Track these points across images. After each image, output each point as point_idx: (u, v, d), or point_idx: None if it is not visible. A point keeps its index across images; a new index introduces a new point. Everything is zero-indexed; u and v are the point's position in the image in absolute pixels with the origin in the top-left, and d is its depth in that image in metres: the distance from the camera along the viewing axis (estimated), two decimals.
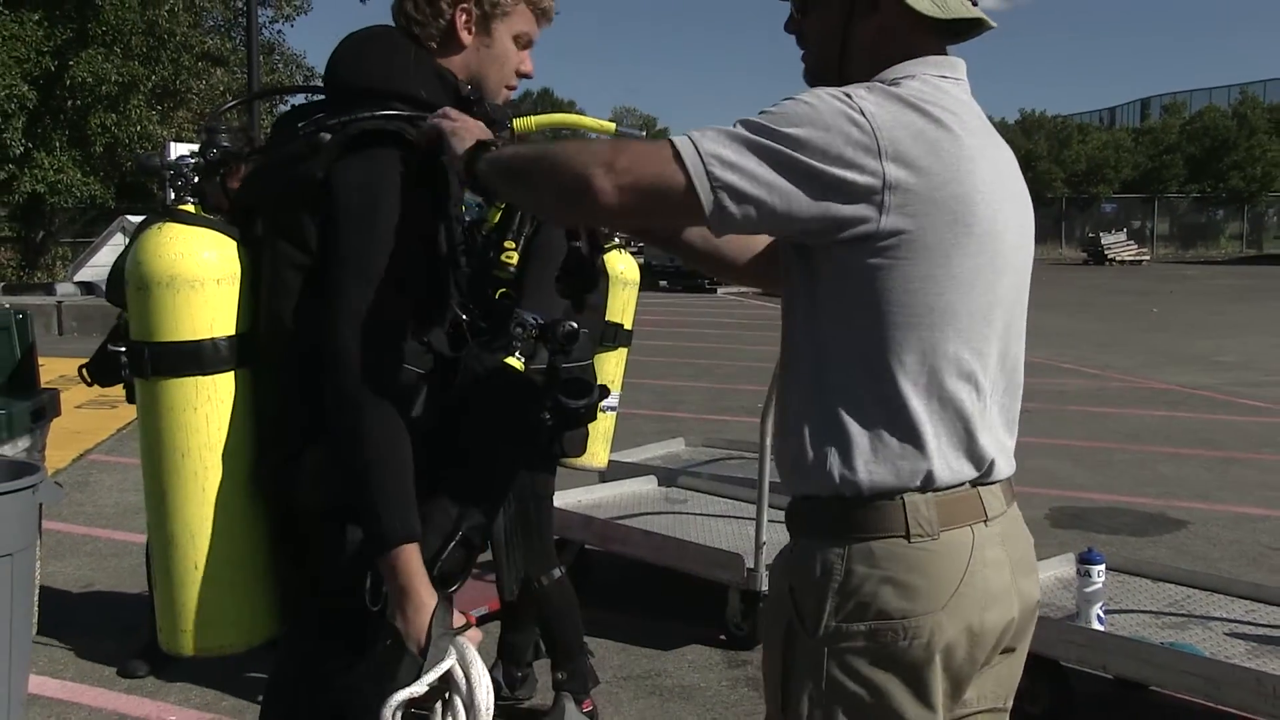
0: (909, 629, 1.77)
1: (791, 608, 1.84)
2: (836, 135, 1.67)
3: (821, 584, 1.80)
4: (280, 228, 2.05)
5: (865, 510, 1.79)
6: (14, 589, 3.85)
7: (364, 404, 1.91)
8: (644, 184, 1.69)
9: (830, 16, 1.89)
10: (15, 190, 21.75)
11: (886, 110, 1.72)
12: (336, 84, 2.16)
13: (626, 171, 1.68)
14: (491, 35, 2.21)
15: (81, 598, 5.51)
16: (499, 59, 2.23)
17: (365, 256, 1.96)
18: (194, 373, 2.02)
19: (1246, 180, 44.74)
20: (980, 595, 1.81)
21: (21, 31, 21.14)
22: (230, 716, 4.17)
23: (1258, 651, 3.87)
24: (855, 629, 1.78)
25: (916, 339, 1.75)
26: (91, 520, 6.75)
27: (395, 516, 1.90)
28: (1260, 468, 8.34)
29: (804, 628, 1.82)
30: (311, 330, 1.97)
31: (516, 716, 4.16)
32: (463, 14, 2.17)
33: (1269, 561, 6.10)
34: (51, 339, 14.47)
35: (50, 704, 4.31)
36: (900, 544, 1.78)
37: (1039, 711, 4.09)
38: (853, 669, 1.79)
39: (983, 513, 1.85)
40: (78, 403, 9.19)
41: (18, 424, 4.43)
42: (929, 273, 1.73)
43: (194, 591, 2.05)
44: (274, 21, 27.38)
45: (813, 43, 1.95)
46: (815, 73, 1.94)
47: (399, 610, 1.91)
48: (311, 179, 2.01)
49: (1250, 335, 16.68)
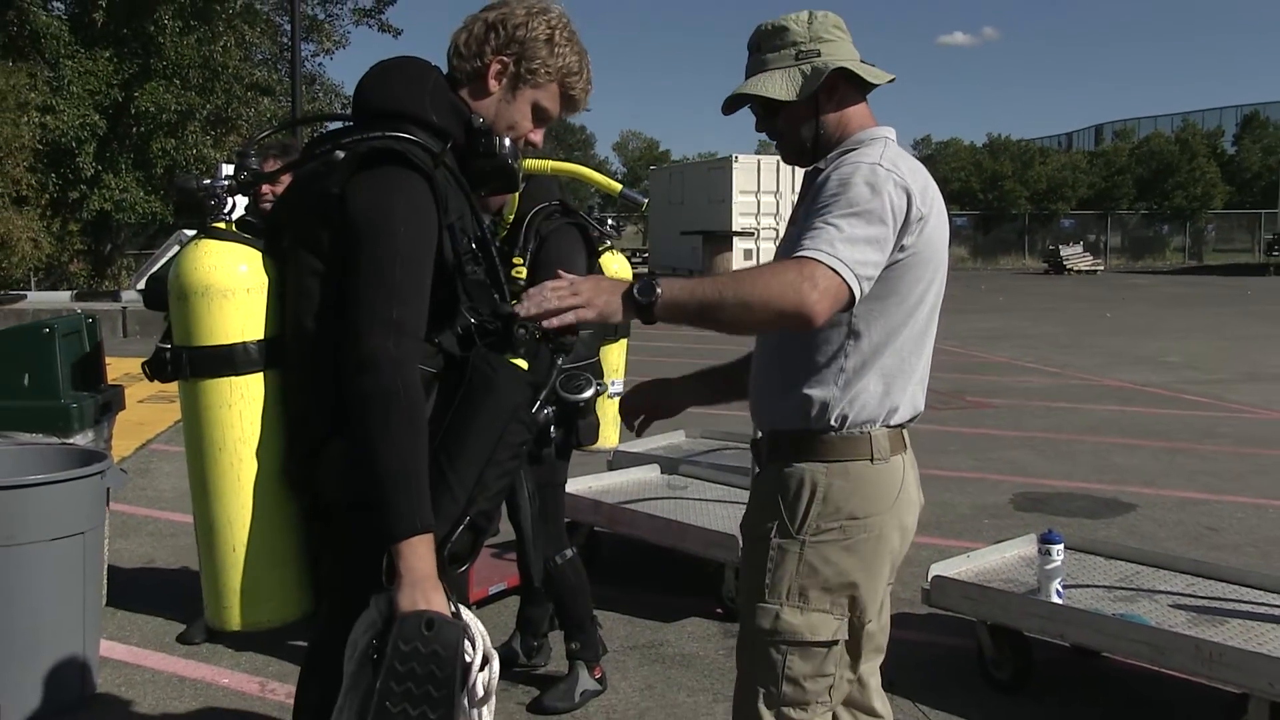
0: (868, 526, 2.25)
1: (780, 513, 2.24)
2: (897, 196, 2.14)
3: (809, 494, 2.23)
4: (302, 239, 2.05)
5: (843, 440, 2.24)
6: (86, 563, 3.87)
7: (380, 403, 1.88)
8: (836, 295, 2.04)
9: (801, 110, 2.29)
10: (86, 208, 21.78)
11: (907, 164, 2.21)
12: (361, 107, 2.15)
13: (828, 291, 2.02)
14: (515, 95, 2.19)
15: (144, 572, 5.52)
16: (510, 120, 2.20)
17: (379, 267, 1.94)
18: (227, 374, 2.02)
19: (1188, 199, 44.71)
20: (906, 503, 2.34)
21: (94, 67, 21.25)
22: (277, 680, 4.18)
23: (1197, 621, 3.87)
24: (830, 526, 2.23)
25: (896, 320, 2.23)
26: (152, 503, 6.77)
27: (409, 509, 1.87)
28: (1202, 457, 8.32)
29: (790, 528, 2.23)
30: (329, 333, 1.97)
31: (533, 682, 4.16)
32: (498, 65, 2.16)
33: (1208, 540, 6.09)
34: (117, 340, 14.49)
35: (118, 666, 4.31)
36: (866, 465, 2.25)
37: (1005, 676, 4.10)
38: (825, 556, 2.23)
39: (905, 445, 2.36)
40: (140, 397, 9.21)
41: (88, 416, 4.45)
42: (919, 275, 2.23)
43: (232, 573, 2.05)
44: (315, 55, 27.57)
45: (788, 133, 2.33)
46: (796, 152, 2.35)
47: (403, 596, 1.87)
48: (328, 194, 2.01)
49: (1192, 338, 16.64)
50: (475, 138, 2.13)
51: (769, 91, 2.27)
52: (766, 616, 2.26)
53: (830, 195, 2.14)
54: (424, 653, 1.84)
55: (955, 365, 13.22)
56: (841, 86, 2.29)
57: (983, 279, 33.60)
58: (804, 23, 2.30)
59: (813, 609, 2.24)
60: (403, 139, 2.02)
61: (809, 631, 2.24)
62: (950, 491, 7.15)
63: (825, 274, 2.02)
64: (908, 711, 3.94)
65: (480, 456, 1.99)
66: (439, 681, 1.84)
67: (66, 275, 22.90)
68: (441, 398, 2.01)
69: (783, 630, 2.25)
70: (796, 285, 2.00)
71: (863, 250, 2.07)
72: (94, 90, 21.17)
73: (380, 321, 1.91)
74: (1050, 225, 45.78)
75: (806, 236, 2.08)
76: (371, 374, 1.89)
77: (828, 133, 2.31)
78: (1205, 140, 48.14)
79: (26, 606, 3.71)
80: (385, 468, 1.87)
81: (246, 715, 3.94)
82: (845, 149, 2.28)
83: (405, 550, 1.87)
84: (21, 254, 20.07)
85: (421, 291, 1.98)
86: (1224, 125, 53.74)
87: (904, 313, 2.24)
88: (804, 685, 2.25)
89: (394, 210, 1.97)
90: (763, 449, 2.39)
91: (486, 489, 2.00)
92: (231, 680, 4.21)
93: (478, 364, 2.02)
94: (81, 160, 21.17)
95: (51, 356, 4.38)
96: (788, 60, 2.28)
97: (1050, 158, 49.33)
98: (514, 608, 4.49)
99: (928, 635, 4.66)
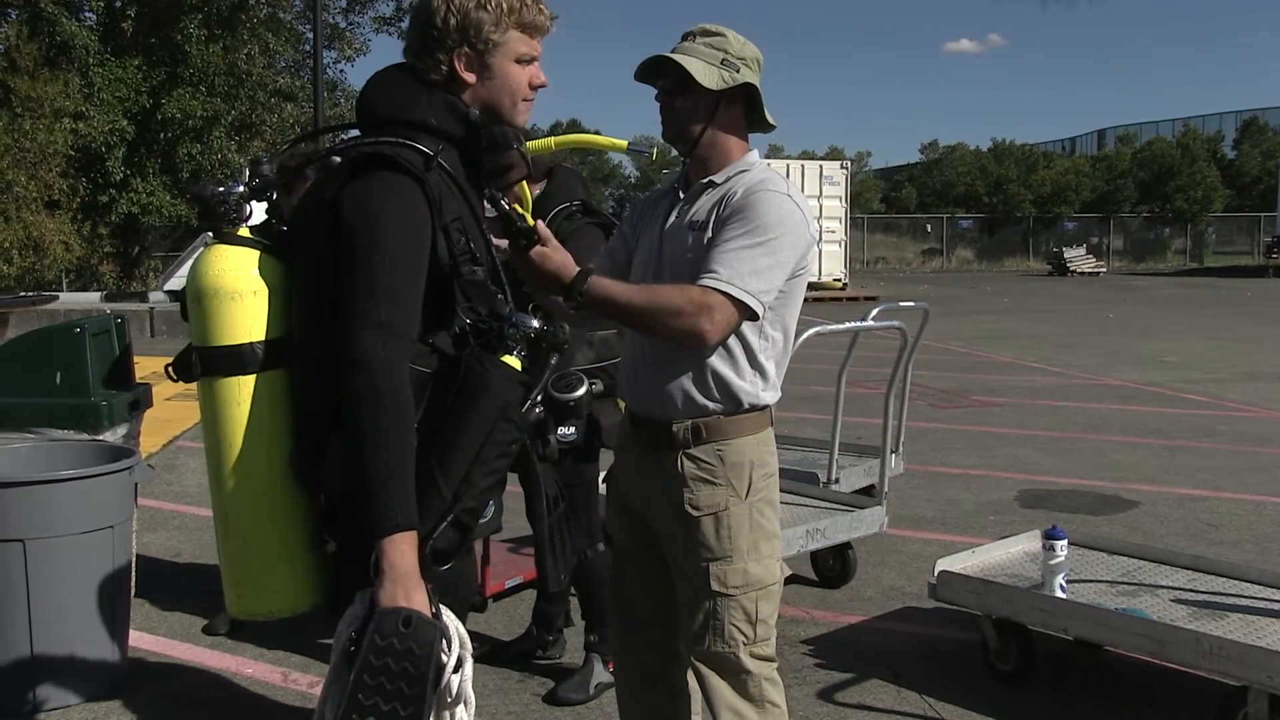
0: (776, 480, 2.60)
1: (727, 484, 2.51)
2: (804, 229, 2.47)
3: (749, 463, 2.53)
4: (305, 243, 2.06)
5: (762, 415, 2.56)
6: (115, 556, 3.89)
7: (368, 403, 1.87)
8: (729, 324, 2.39)
9: (703, 101, 2.50)
10: (115, 211, 21.89)
11: (800, 194, 2.54)
12: (363, 115, 2.15)
13: (722, 322, 2.36)
14: (491, 68, 2.15)
15: (171, 565, 5.54)
16: (505, 86, 2.17)
17: (369, 270, 1.94)
18: (236, 373, 2.03)
19: (1189, 202, 44.47)
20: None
21: (124, 75, 21.39)
22: (299, 670, 4.19)
23: (1198, 615, 3.85)
24: (761, 485, 2.55)
25: (787, 322, 2.56)
26: (178, 498, 6.79)
27: (392, 506, 1.86)
28: (1202, 454, 8.28)
29: (738, 495, 2.51)
30: (328, 333, 1.96)
31: (548, 673, 4.17)
32: (461, 59, 2.14)
33: (1208, 536, 6.07)
34: (145, 340, 14.54)
35: (147, 655, 4.33)
36: (770, 431, 2.61)
37: (1009, 669, 4.08)
38: (763, 511, 2.55)
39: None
40: (167, 395, 9.19)
41: (117, 414, 4.47)
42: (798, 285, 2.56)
43: (244, 564, 2.07)
44: (337, 62, 27.55)
45: (683, 115, 2.54)
46: (679, 136, 2.56)
47: (384, 592, 1.85)
48: (323, 199, 2.01)
49: (1193, 338, 16.56)
50: (478, 133, 2.11)
51: (692, 68, 2.47)
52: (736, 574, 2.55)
53: (744, 221, 2.42)
54: (399, 649, 1.82)
55: (961, 365, 13.19)
56: (740, 104, 2.56)
57: (987, 281, 33.54)
58: (739, 42, 2.54)
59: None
60: (394, 143, 2.01)
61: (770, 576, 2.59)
62: (956, 488, 7.14)
63: (724, 306, 2.36)
64: (914, 703, 3.94)
65: (468, 454, 1.97)
66: (412, 679, 1.82)
67: (96, 277, 22.98)
68: (435, 397, 2.01)
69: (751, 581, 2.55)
70: (700, 313, 2.34)
71: (767, 278, 2.40)
72: (123, 97, 21.32)
73: (370, 323, 1.91)
74: (1054, 228, 45.62)
75: (719, 263, 2.38)
76: (360, 374, 1.88)
77: (712, 138, 2.55)
78: (1206, 145, 47.93)
79: (59, 597, 3.74)
80: (371, 465, 1.87)
81: (270, 704, 3.96)
82: (740, 169, 2.55)
83: (388, 546, 1.85)
84: (54, 256, 20.19)
85: (412, 293, 1.97)
86: (1224, 130, 53.44)
87: (791, 317, 2.59)
88: (769, 622, 2.57)
89: (383, 214, 1.96)
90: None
91: (473, 486, 1.98)
92: (255, 670, 4.22)
93: (471, 363, 2.01)
94: (111, 165, 21.30)
95: (82, 356, 4.40)
96: (714, 59, 2.49)
97: (1054, 162, 49.21)
98: (530, 602, 4.50)
99: (934, 629, 4.65)
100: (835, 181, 26.44)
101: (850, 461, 5.80)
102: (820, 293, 23.97)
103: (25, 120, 19.64)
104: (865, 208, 44.56)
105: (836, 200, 26.34)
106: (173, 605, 4.87)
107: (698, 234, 2.51)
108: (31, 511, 3.67)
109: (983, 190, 46.31)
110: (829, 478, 5.51)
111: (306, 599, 2.11)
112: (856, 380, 7.61)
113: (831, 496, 5.22)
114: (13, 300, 14.42)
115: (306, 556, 2.09)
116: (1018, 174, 45.90)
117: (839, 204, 26.44)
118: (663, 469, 2.55)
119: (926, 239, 44.67)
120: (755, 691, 2.54)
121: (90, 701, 3.86)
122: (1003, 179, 45.76)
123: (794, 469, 5.46)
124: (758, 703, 2.54)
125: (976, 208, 45.90)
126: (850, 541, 5.02)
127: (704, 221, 2.51)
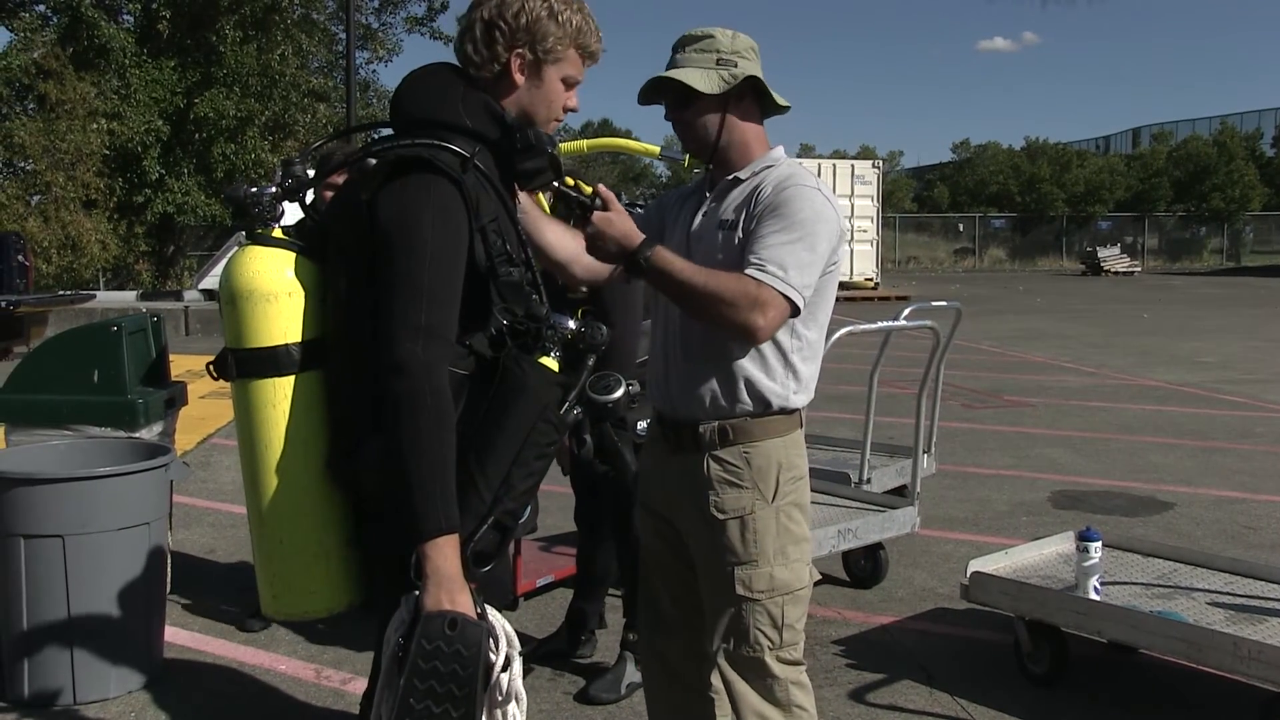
0: (806, 483, 2.58)
1: (753, 487, 2.48)
2: (837, 223, 2.46)
3: (776, 466, 2.50)
4: (340, 245, 2.06)
5: (791, 418, 2.54)
6: (151, 551, 3.93)
7: (408, 406, 1.87)
8: (780, 321, 2.37)
9: (712, 106, 2.50)
10: (151, 211, 22.09)
11: (828, 188, 2.53)
12: (397, 114, 2.16)
13: (775, 319, 2.35)
14: (542, 78, 2.18)
15: (205, 562, 5.58)
16: (547, 98, 2.20)
17: (408, 272, 1.93)
18: (271, 374, 2.03)
19: (1226, 201, 43.95)
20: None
21: (160, 75, 21.58)
22: (332, 667, 4.21)
23: (1235, 619, 3.81)
24: (789, 489, 2.52)
25: (820, 320, 2.54)
26: (213, 495, 6.84)
27: (434, 509, 1.86)
28: (1239, 456, 8.19)
29: (764, 499, 2.48)
30: (364, 335, 1.96)
31: (581, 672, 4.17)
32: (517, 59, 2.15)
33: (1246, 539, 6.00)
34: (180, 339, 14.70)
35: (181, 651, 4.37)
36: (800, 433, 2.58)
37: (1042, 671, 4.05)
38: (791, 515, 2.52)
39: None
40: (201, 394, 9.28)
41: (153, 411, 4.51)
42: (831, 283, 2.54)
43: (280, 564, 2.07)
44: (370, 63, 27.61)
45: (696, 125, 2.53)
46: (699, 146, 2.56)
47: (428, 596, 1.86)
48: (358, 201, 2.01)
49: (1229, 338, 16.39)
50: (513, 135, 2.11)
51: (689, 79, 2.46)
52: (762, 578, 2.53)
53: (781, 217, 2.41)
54: (447, 652, 1.83)
55: (993, 365, 13.10)
56: (749, 98, 2.54)
57: (1020, 280, 33.28)
58: (728, 37, 2.52)
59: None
60: (431, 145, 2.01)
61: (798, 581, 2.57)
62: (988, 489, 7.09)
63: (777, 302, 2.34)
64: (946, 705, 3.92)
65: (508, 456, 1.97)
66: (461, 680, 1.83)
67: (132, 276, 23.21)
68: (472, 399, 2.00)
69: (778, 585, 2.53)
70: (754, 307, 2.32)
71: (810, 273, 2.40)
72: (159, 98, 21.50)
73: (409, 326, 1.90)
74: (1087, 227, 45.21)
75: (765, 258, 2.37)
76: (401, 378, 1.88)
77: (729, 138, 2.54)
78: (1243, 143, 47.29)
79: (96, 592, 3.78)
80: (413, 469, 1.87)
81: (302, 701, 3.98)
82: (765, 164, 2.55)
83: (431, 550, 1.86)
84: (90, 255, 20.42)
85: (451, 295, 1.97)
86: (1262, 128, 52.66)
87: (826, 315, 2.58)
88: (796, 627, 2.55)
89: (422, 216, 1.95)
90: None
91: (513, 489, 1.98)
92: (289, 667, 4.25)
93: (509, 365, 2.01)
94: (147, 165, 21.49)
95: (119, 354, 4.44)
96: (709, 63, 2.49)
97: (1088, 161, 48.74)
98: (561, 600, 4.51)
99: (966, 630, 4.63)
100: (867, 181, 26.34)
101: (882, 461, 5.79)
102: (852, 292, 23.89)
103: (61, 122, 19.88)
104: (897, 207, 44.36)
105: (868, 199, 26.25)
106: (207, 601, 4.91)
107: (728, 234, 2.50)
108: (70, 508, 3.71)
109: (1015, 190, 45.95)
110: (861, 478, 5.51)
111: (342, 599, 2.12)
112: (889, 380, 7.57)
113: (863, 497, 5.21)
114: (52, 299, 14.62)
115: (341, 556, 2.09)
116: (1051, 173, 45.50)
117: (871, 203, 26.35)
118: (689, 471, 2.54)
119: (959, 238, 44.40)
120: (782, 696, 2.52)
121: (127, 694, 3.90)
122: (1035, 178, 45.37)
123: (825, 469, 5.45)
124: (784, 707, 2.52)
125: (1009, 207, 45.54)
126: (882, 542, 5.00)
127: (733, 221, 2.50)
